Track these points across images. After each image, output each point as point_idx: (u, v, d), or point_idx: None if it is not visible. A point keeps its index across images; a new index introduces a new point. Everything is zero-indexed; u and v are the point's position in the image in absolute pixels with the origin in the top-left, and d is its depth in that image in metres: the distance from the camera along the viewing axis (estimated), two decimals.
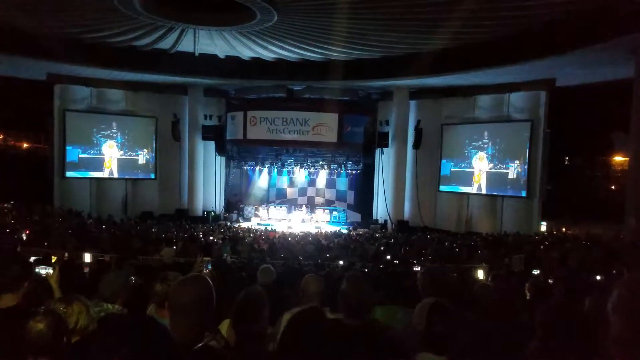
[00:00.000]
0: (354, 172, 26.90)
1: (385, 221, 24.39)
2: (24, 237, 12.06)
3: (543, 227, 21.32)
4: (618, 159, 37.17)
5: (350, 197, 28.29)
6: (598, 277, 7.31)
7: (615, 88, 19.03)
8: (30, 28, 16.90)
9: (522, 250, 12.63)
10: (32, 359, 2.25)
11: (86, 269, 6.94)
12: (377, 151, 25.11)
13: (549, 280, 6.68)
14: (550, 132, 20.66)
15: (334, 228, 24.00)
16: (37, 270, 3.70)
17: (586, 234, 18.12)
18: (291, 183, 29.15)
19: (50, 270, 3.70)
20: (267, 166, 27.43)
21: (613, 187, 35.44)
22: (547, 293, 4.75)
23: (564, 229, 21.73)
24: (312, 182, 28.81)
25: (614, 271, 8.17)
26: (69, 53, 18.36)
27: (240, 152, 27.37)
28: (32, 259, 6.29)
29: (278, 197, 29.13)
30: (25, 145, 42.17)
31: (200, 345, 2.10)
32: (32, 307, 2.57)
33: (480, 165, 22.70)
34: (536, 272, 7.78)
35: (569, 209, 24.57)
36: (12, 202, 21.01)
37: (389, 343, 2.74)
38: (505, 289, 4.57)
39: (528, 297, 4.69)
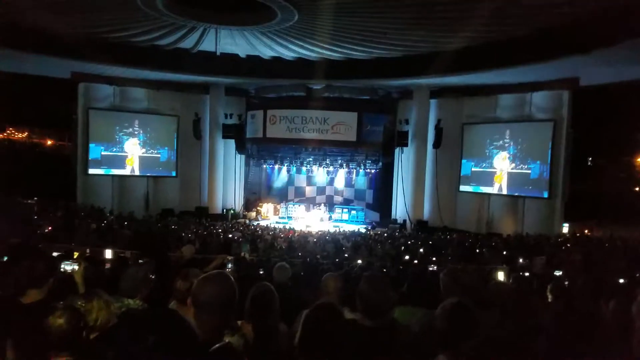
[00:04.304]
0: (373, 171, 26.82)
1: (404, 221, 24.27)
2: (47, 233, 12.28)
3: (565, 229, 20.99)
4: None
5: (369, 196, 28.22)
6: (621, 280, 7.18)
7: None
8: (55, 28, 17.18)
9: (543, 252, 12.48)
10: (53, 353, 2.29)
11: (107, 265, 7.03)
12: (397, 150, 25.00)
13: (571, 282, 6.57)
14: (574, 132, 20.35)
15: (353, 227, 23.97)
16: (62, 266, 3.76)
17: (610, 236, 17.82)
18: (310, 182, 29.20)
19: (76, 267, 3.76)
20: (286, 165, 27.49)
21: (637, 189, 34.78)
22: (569, 295, 4.68)
23: (586, 231, 21.38)
24: (331, 181, 28.82)
25: (638, 274, 8.03)
26: (93, 52, 18.62)
27: (259, 151, 27.48)
28: (54, 254, 6.40)
29: (297, 195, 29.21)
30: (49, 142, 42.95)
31: (220, 343, 2.11)
32: (56, 302, 2.61)
33: (502, 165, 22.45)
34: (558, 273, 7.68)
35: (592, 210, 24.18)
36: (35, 198, 21.39)
37: (408, 343, 2.72)
38: (526, 291, 4.53)
39: (550, 299, 4.63)
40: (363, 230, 22.60)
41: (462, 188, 23.98)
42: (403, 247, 15.32)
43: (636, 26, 13.43)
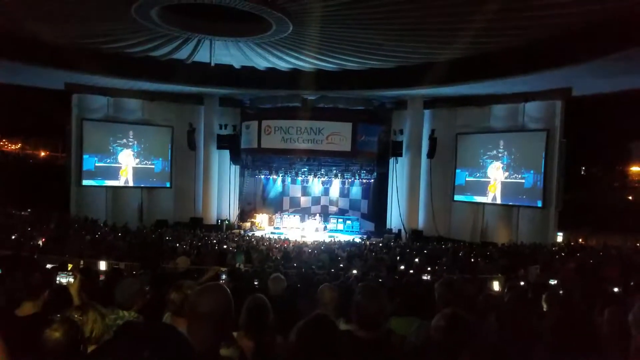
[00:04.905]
0: (367, 181, 26.83)
1: (399, 230, 24.27)
2: (40, 245, 12.19)
3: (559, 238, 21.05)
4: (636, 169, 36.73)
5: (364, 206, 28.22)
6: (616, 289, 7.19)
7: (633, 97, 18.84)
8: (49, 38, 17.18)
9: (538, 261, 12.51)
10: None
11: (101, 277, 7.00)
12: (391, 160, 25.08)
13: (566, 291, 6.59)
14: (567, 142, 20.47)
15: (348, 237, 23.94)
16: (58, 279, 3.75)
17: (603, 244, 17.87)
18: (305, 192, 29.18)
19: (71, 279, 3.74)
20: (281, 175, 27.48)
21: (630, 198, 34.99)
22: (564, 304, 4.69)
23: (580, 240, 21.44)
24: (325, 191, 28.81)
25: (632, 283, 8.04)
26: (87, 63, 18.60)
27: (254, 161, 27.45)
28: (48, 266, 6.36)
29: (292, 206, 29.17)
30: (42, 153, 42.82)
31: (217, 354, 2.10)
32: (51, 315, 2.59)
33: (496, 174, 22.52)
34: (553, 282, 7.69)
35: (586, 219, 24.28)
36: (29, 209, 21.28)
37: (404, 355, 2.72)
38: (521, 300, 4.53)
39: (545, 309, 4.64)
40: (358, 240, 22.58)
41: (457, 198, 24.02)
42: (398, 257, 15.33)
43: (627, 37, 13.57)
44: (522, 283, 8.18)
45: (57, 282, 3.70)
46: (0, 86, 22.11)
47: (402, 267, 12.46)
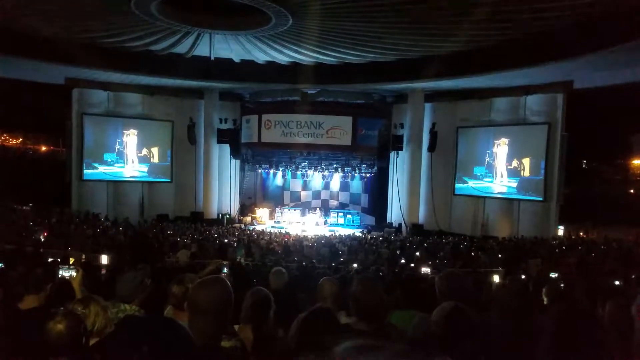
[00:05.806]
0: (368, 175, 26.84)
1: (400, 224, 24.28)
2: (42, 239, 12.22)
3: (560, 232, 21.04)
4: (637, 162, 36.71)
5: (365, 200, 28.23)
6: (617, 282, 7.21)
7: (634, 90, 18.80)
8: (49, 33, 17.15)
9: (539, 255, 12.53)
10: (52, 359, 2.28)
11: (103, 271, 7.02)
12: (392, 154, 25.02)
13: (567, 285, 6.60)
14: (568, 135, 20.42)
15: (348, 231, 23.96)
16: (60, 272, 3.76)
17: (604, 238, 17.88)
18: (305, 186, 29.18)
19: (74, 273, 3.75)
20: (281, 169, 27.50)
21: (632, 191, 35.00)
22: (564, 297, 4.70)
23: (582, 233, 21.44)
24: (326, 185, 28.82)
25: (633, 276, 8.06)
26: (87, 57, 18.59)
27: (254, 156, 27.47)
28: (49, 259, 6.39)
29: (292, 200, 29.19)
30: (43, 148, 42.83)
31: (218, 347, 2.11)
32: (54, 308, 2.60)
33: (497, 168, 22.46)
34: (554, 275, 7.70)
35: (587, 213, 24.27)
36: (30, 204, 21.31)
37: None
38: (522, 293, 4.53)
39: (545, 302, 4.64)
40: (359, 234, 22.60)
41: (457, 191, 24.00)
42: (399, 251, 15.34)
43: (629, 30, 13.53)
44: (523, 276, 8.20)
45: (60, 275, 3.71)
46: (0, 81, 22.09)
47: (403, 261, 12.48)
